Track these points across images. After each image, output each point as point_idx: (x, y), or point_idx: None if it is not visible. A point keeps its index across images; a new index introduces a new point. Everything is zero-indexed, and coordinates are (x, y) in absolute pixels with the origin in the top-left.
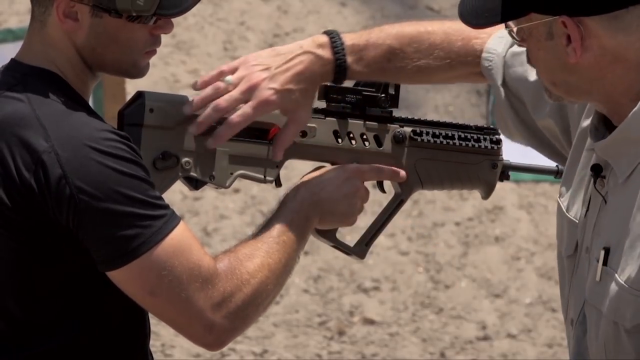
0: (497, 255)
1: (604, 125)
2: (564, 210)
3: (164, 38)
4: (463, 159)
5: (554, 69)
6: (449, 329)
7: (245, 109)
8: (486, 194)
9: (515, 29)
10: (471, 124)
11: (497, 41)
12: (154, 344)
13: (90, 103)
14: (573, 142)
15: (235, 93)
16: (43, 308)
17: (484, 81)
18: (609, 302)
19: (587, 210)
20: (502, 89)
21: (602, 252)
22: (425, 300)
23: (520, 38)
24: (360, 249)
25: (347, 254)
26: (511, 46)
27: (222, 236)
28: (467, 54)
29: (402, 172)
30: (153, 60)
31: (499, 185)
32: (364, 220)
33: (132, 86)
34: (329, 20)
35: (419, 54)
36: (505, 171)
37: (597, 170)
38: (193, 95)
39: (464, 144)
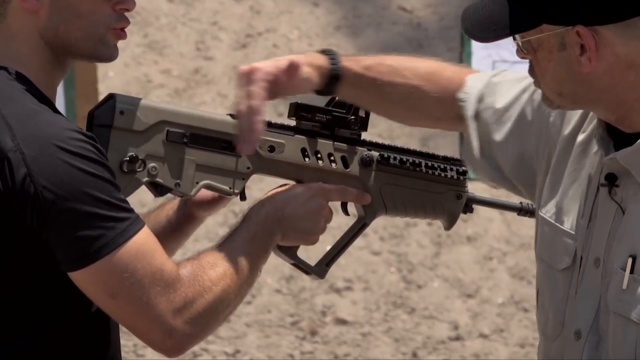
0: (470, 255)
1: (608, 134)
2: (553, 222)
3: (137, 38)
4: (428, 187)
5: (563, 80)
6: (421, 329)
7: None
8: (449, 224)
9: (521, 42)
10: (439, 154)
11: (477, 78)
12: (125, 344)
13: (62, 103)
14: (553, 157)
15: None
16: (7, 309)
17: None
18: None
19: (589, 221)
20: (472, 121)
21: (630, 260)
22: (397, 300)
23: (527, 50)
24: (321, 269)
25: (307, 273)
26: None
27: (194, 236)
28: (454, 91)
29: (367, 196)
30: (125, 59)
31: (471, 184)
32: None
33: (105, 86)
34: (302, 20)
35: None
36: (469, 203)
37: (612, 179)
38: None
39: (430, 172)
